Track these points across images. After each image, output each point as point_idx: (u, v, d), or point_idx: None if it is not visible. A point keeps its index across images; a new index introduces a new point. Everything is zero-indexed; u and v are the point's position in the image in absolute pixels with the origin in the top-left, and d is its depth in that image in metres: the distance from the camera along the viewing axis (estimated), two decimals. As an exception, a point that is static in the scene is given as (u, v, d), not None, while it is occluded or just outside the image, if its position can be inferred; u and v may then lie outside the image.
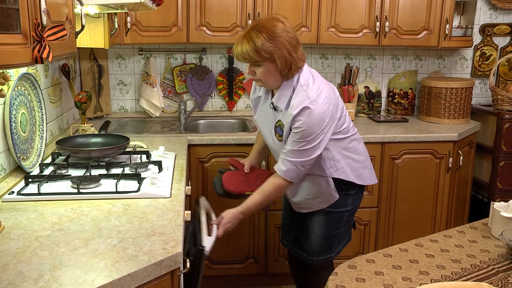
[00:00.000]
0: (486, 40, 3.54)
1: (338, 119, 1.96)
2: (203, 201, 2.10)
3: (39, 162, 2.03)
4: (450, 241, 1.80)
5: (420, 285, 1.48)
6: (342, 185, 2.05)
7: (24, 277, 1.14)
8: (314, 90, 1.86)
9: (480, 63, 3.57)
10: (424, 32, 3.09)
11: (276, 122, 1.98)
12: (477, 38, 3.53)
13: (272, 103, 1.96)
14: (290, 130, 1.89)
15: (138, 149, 2.30)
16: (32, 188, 1.74)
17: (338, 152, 2.01)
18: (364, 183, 2.11)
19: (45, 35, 1.30)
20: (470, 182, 3.32)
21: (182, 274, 1.47)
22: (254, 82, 2.08)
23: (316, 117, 1.83)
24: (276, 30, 1.80)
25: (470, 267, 1.60)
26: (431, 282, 1.50)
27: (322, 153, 1.95)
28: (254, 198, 2.00)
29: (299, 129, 1.84)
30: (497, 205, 1.83)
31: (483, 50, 3.56)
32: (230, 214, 2.00)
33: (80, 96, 2.45)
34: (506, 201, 1.84)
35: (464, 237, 1.83)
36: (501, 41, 3.58)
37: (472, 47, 3.51)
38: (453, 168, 2.95)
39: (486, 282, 1.48)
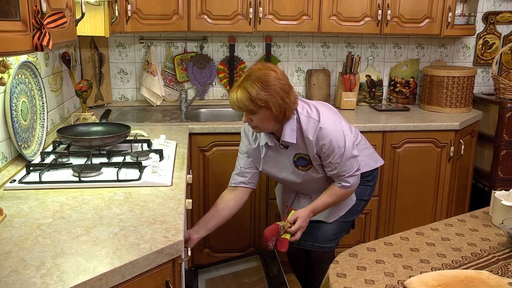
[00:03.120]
0: (489, 28, 3.52)
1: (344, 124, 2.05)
2: None
3: (40, 150, 2.03)
4: (450, 229, 1.80)
5: (420, 273, 1.48)
6: (362, 176, 2.11)
7: (26, 264, 1.14)
8: (314, 112, 1.95)
9: (482, 51, 3.55)
10: (426, 21, 3.06)
11: (294, 157, 2.02)
12: (480, 26, 3.50)
13: (283, 144, 1.99)
14: (319, 156, 1.96)
15: (139, 138, 2.30)
16: (34, 176, 1.74)
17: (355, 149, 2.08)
18: (381, 163, 2.25)
19: (45, 23, 1.30)
20: (471, 171, 3.32)
21: (183, 262, 1.47)
22: (244, 135, 2.12)
23: (332, 130, 1.92)
24: (269, 79, 1.84)
25: (471, 256, 1.60)
26: (432, 271, 1.50)
27: None
28: (324, 199, 2.04)
29: (330, 149, 1.92)
30: (498, 194, 1.83)
31: (486, 39, 3.53)
32: (303, 214, 2.02)
33: (81, 85, 2.44)
34: (507, 190, 1.85)
35: (465, 226, 1.83)
36: (504, 29, 3.55)
37: (475, 36, 3.49)
38: (455, 157, 2.95)
39: (487, 270, 1.49)
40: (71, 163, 1.89)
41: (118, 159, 1.98)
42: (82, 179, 1.72)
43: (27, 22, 1.23)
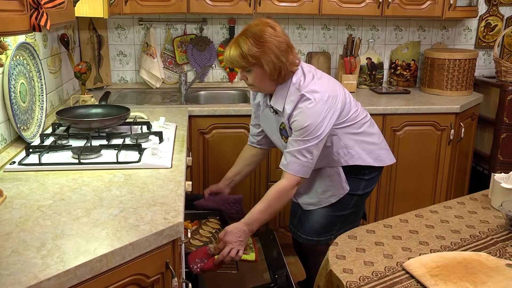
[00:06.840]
0: (491, 10, 3.48)
1: (341, 109, 1.92)
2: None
3: (40, 132, 2.02)
4: (450, 212, 1.81)
5: (419, 255, 1.49)
6: (357, 169, 2.03)
7: (27, 245, 1.15)
8: (305, 85, 1.85)
9: (484, 34, 3.52)
10: (428, 2, 3.03)
11: (280, 125, 1.98)
12: (482, 8, 3.47)
13: (272, 107, 1.95)
14: (290, 128, 1.89)
15: (138, 120, 2.29)
16: (33, 158, 1.74)
17: (350, 138, 1.98)
18: (383, 164, 2.08)
19: (42, 2, 1.28)
20: (471, 154, 3.32)
21: (182, 244, 1.48)
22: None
23: (309, 108, 1.81)
24: (264, 35, 1.79)
25: (470, 238, 1.61)
26: (431, 252, 1.51)
27: (334, 143, 1.96)
28: (257, 207, 1.90)
29: (294, 120, 1.84)
30: (497, 177, 1.83)
31: (488, 21, 3.50)
32: (231, 228, 1.89)
33: (79, 67, 2.43)
34: (507, 173, 1.85)
35: (464, 208, 1.84)
36: (507, 11, 3.51)
37: (477, 18, 3.46)
38: (455, 140, 2.95)
39: (485, 252, 1.50)
40: (71, 145, 1.89)
41: (117, 141, 1.98)
42: (81, 161, 1.72)
43: (24, 2, 1.22)
